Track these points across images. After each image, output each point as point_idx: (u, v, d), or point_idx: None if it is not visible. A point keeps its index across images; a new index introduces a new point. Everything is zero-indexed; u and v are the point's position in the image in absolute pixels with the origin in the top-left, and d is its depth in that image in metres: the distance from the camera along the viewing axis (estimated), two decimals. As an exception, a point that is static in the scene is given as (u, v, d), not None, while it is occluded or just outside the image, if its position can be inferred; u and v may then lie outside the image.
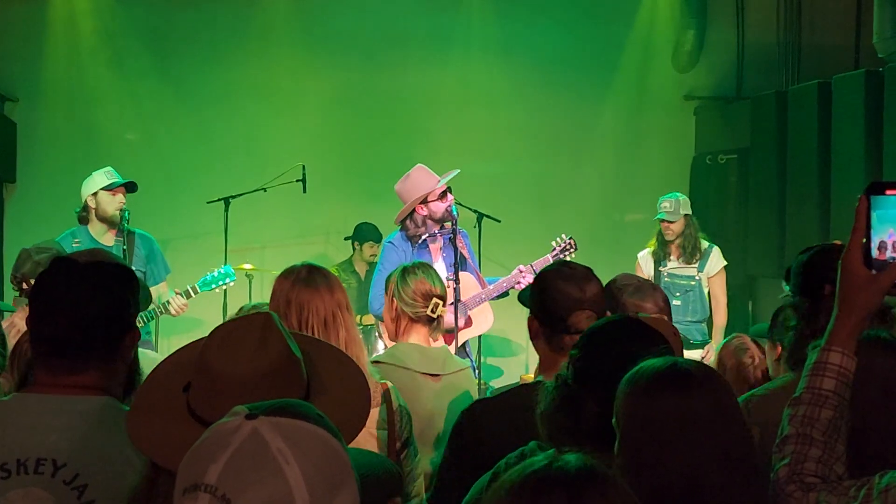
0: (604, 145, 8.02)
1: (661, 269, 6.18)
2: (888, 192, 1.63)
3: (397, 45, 7.68)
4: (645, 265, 6.26)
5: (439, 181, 5.04)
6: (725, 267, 6.26)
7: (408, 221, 5.06)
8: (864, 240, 1.63)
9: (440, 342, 3.80)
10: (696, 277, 6.15)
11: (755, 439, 1.69)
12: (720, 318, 6.19)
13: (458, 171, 5.19)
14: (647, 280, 3.35)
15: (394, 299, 3.48)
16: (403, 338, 3.47)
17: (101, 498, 1.84)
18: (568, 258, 5.22)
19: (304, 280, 2.83)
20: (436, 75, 7.73)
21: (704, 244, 6.21)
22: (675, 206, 6.12)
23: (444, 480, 2.59)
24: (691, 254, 6.14)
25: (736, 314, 6.85)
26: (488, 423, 2.49)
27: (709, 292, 6.22)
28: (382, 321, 4.95)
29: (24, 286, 4.02)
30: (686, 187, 7.75)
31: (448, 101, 7.71)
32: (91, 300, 1.93)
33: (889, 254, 1.63)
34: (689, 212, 6.20)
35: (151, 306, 5.14)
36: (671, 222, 6.10)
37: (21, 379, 2.32)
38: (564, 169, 7.96)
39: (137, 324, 2.05)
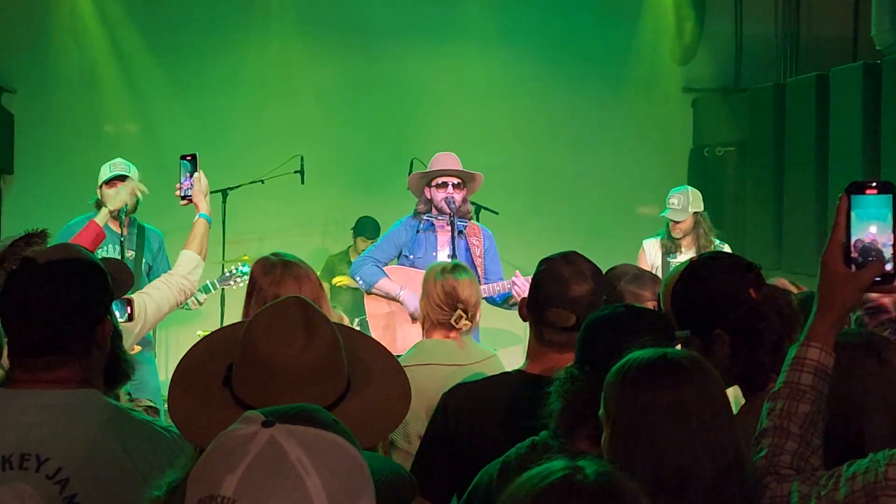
0: (602, 137, 8.01)
1: (670, 260, 5.87)
2: (868, 191, 1.69)
3: (396, 35, 7.66)
4: (650, 252, 5.97)
5: (445, 169, 5.06)
6: None
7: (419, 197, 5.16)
8: (844, 239, 1.68)
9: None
10: None
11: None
12: None
13: (481, 174, 5.14)
14: (648, 270, 3.32)
15: (421, 300, 3.35)
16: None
17: (83, 492, 1.83)
18: None
19: (261, 269, 3.02)
20: (435, 66, 7.71)
21: (716, 241, 5.92)
22: (684, 202, 5.83)
23: (421, 461, 2.56)
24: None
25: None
26: (466, 407, 2.47)
27: None
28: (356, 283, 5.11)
29: None
30: (684, 179, 7.72)
31: (447, 91, 7.69)
32: (59, 297, 1.92)
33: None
34: (700, 207, 5.90)
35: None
36: (678, 222, 5.83)
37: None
38: (563, 161, 7.95)
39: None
